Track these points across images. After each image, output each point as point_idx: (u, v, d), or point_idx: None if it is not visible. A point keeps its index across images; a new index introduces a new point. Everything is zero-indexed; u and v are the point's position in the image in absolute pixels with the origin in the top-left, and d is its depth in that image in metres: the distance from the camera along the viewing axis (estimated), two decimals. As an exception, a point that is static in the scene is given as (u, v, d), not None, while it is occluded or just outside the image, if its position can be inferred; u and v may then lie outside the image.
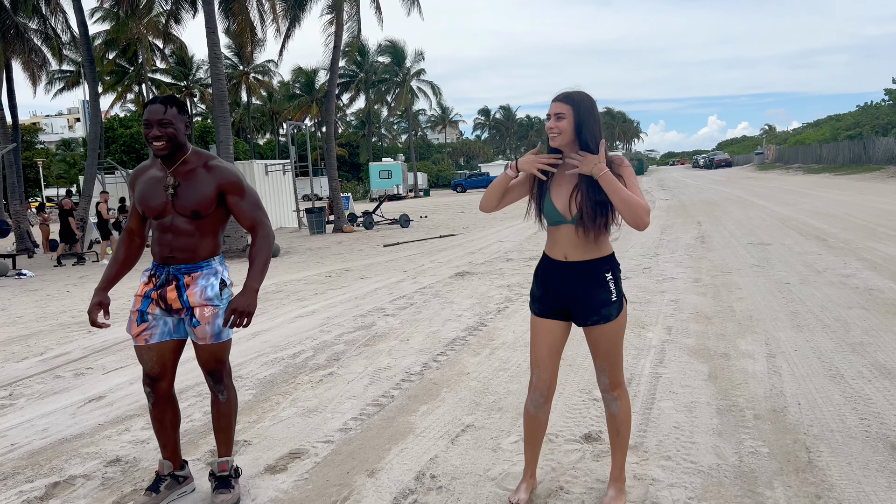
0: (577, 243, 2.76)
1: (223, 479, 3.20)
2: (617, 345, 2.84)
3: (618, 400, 2.89)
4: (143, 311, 3.11)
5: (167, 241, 3.07)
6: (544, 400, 2.93)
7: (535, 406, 2.94)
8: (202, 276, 3.09)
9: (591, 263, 2.77)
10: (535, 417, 2.96)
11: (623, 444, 2.93)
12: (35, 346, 7.13)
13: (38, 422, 4.58)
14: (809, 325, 5.75)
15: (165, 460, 3.28)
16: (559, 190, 2.78)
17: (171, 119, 3.00)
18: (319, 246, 17.45)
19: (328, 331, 6.83)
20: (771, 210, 17.63)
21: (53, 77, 39.27)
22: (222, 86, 16.62)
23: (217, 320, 3.08)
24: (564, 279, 2.80)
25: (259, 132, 66.37)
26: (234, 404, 3.26)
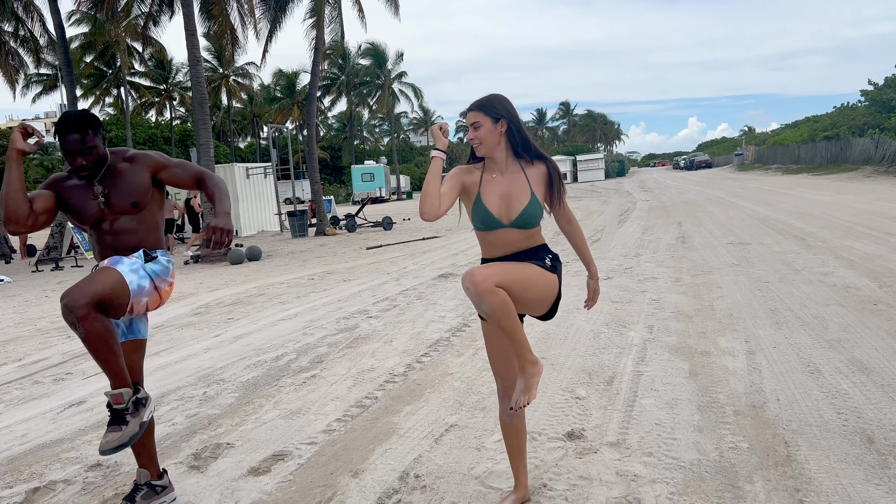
0: (517, 242, 2.74)
1: (116, 414, 2.79)
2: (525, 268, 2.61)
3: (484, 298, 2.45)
4: None
5: (108, 241, 3.03)
6: (519, 412, 2.91)
7: (507, 415, 2.93)
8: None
9: (530, 251, 2.75)
10: (510, 426, 2.94)
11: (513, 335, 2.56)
12: (13, 351, 7.04)
13: (18, 427, 4.53)
14: (788, 322, 5.83)
15: (141, 469, 3.22)
16: (491, 196, 2.73)
17: (92, 144, 2.92)
18: (302, 249, 17.38)
19: (311, 333, 6.80)
20: (750, 210, 17.83)
21: (31, 80, 38.81)
22: (202, 89, 16.52)
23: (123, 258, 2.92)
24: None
25: (240, 135, 65.99)
26: (102, 335, 2.70)
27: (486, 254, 2.85)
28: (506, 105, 2.74)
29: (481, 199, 2.74)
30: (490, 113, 2.71)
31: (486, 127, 2.70)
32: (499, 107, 2.72)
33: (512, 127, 2.73)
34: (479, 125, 2.72)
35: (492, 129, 2.71)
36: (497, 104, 2.73)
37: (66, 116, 2.92)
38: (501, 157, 2.77)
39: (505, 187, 2.73)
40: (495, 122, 2.71)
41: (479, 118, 2.72)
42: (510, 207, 2.71)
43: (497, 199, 2.72)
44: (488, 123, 2.70)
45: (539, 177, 2.77)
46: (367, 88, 58.20)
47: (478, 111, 2.73)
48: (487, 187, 2.75)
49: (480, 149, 2.74)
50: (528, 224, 2.72)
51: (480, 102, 2.74)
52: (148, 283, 2.97)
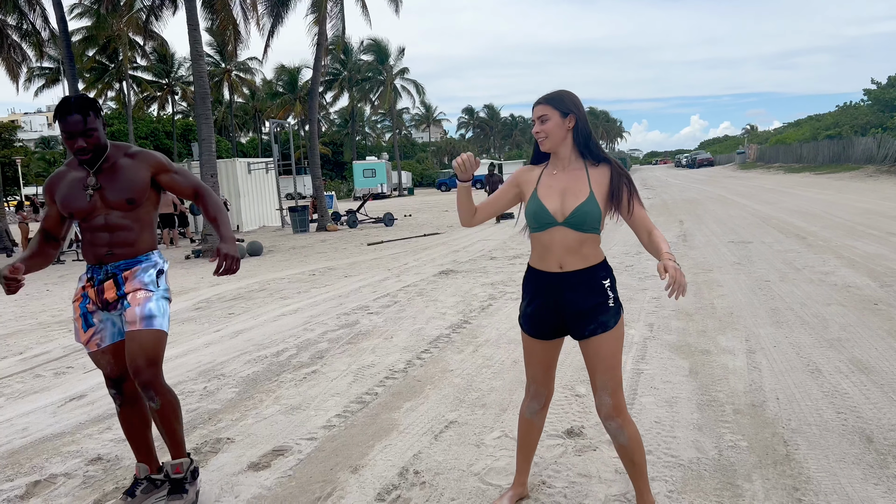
0: (571, 248, 2.62)
1: (176, 483, 3.09)
2: (618, 356, 2.63)
3: (624, 429, 2.63)
4: (84, 315, 3.05)
5: (103, 239, 3.01)
6: (541, 407, 2.90)
7: (530, 412, 2.90)
8: (141, 269, 3.04)
9: (588, 272, 2.63)
10: (530, 422, 2.91)
11: (641, 471, 2.70)
12: (14, 345, 7.06)
13: (18, 421, 4.54)
14: (788, 321, 5.83)
15: (141, 464, 3.23)
16: (548, 191, 2.66)
17: (93, 126, 2.93)
18: (303, 244, 17.39)
19: (312, 329, 6.81)
20: (752, 209, 17.82)
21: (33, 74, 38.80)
22: (204, 83, 16.50)
23: (149, 304, 2.97)
24: (561, 293, 2.65)
25: (242, 130, 65.98)
26: (173, 406, 3.05)
27: (536, 261, 2.74)
28: (575, 101, 2.66)
29: (537, 194, 2.68)
30: (559, 107, 2.63)
31: (553, 121, 2.62)
32: (568, 102, 2.64)
33: (579, 124, 2.64)
34: (547, 118, 2.63)
35: (559, 124, 2.63)
36: (566, 99, 2.65)
37: (67, 99, 2.94)
38: (566, 154, 2.68)
39: (564, 183, 2.65)
40: (563, 117, 2.63)
41: (546, 111, 2.63)
42: (565, 203, 2.61)
43: (554, 194, 2.64)
44: (556, 117, 2.62)
45: (602, 179, 2.65)
46: (369, 84, 58.14)
47: (546, 104, 2.64)
48: (545, 182, 2.68)
49: (545, 143, 2.65)
50: (582, 223, 2.59)
51: (550, 96, 2.66)
52: (168, 306, 3.11)
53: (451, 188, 56.73)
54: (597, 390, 2.66)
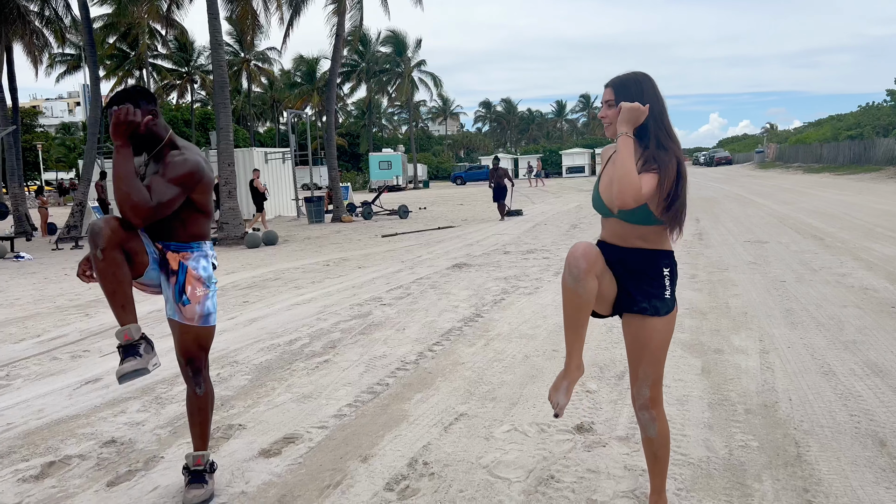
0: (627, 239, 2.52)
1: (197, 474, 3.12)
2: (664, 350, 2.55)
3: (656, 422, 2.58)
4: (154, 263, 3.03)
5: (156, 225, 3.05)
6: (585, 271, 2.38)
7: (573, 277, 2.40)
8: (193, 257, 3.09)
9: (649, 253, 2.51)
10: (573, 292, 2.42)
11: (662, 468, 2.67)
12: (32, 328, 7.15)
13: (35, 402, 4.61)
14: (803, 322, 5.78)
15: (132, 324, 2.86)
16: (606, 178, 2.54)
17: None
18: (318, 235, 17.46)
19: (325, 319, 6.85)
20: (769, 208, 17.66)
21: (55, 60, 39.16)
22: (223, 72, 16.58)
23: (207, 302, 3.09)
24: (621, 259, 2.53)
25: (259, 120, 66.24)
26: (211, 398, 3.20)
27: (603, 238, 2.63)
28: (643, 89, 2.46)
29: (599, 181, 2.58)
30: (618, 91, 2.49)
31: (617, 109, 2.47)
32: (633, 90, 2.45)
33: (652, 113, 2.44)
34: (613, 104, 2.49)
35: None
36: (632, 87, 2.47)
37: (120, 92, 3.03)
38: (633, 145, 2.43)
39: None
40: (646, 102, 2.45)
41: (611, 96, 2.50)
42: None
43: (608, 183, 2.50)
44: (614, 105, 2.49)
45: None
46: (386, 76, 58.19)
47: (611, 88, 2.51)
48: (608, 170, 2.55)
49: (609, 128, 2.51)
50: (631, 216, 2.46)
51: (617, 79, 2.52)
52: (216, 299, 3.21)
53: (466, 182, 56.64)
54: (636, 380, 2.58)
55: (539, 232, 15.29)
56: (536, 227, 16.39)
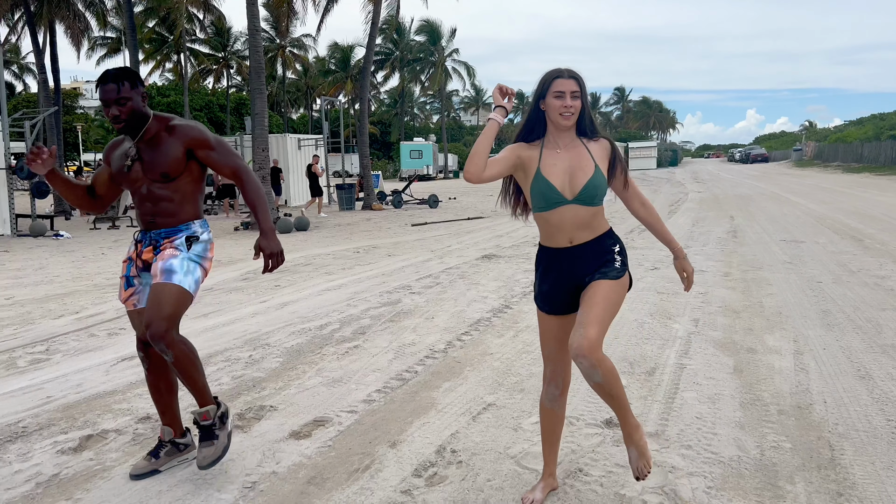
0: (581, 223, 2.63)
1: (206, 430, 3.07)
2: (609, 300, 2.54)
3: (596, 367, 2.43)
4: (128, 277, 3.14)
5: (147, 208, 3.10)
6: (559, 393, 2.84)
7: (549, 399, 2.85)
8: (178, 237, 3.11)
9: (596, 241, 2.65)
10: (550, 412, 2.87)
11: (620, 402, 2.58)
12: (71, 304, 7.32)
13: (73, 377, 4.73)
14: (840, 324, 5.68)
15: (166, 426, 3.29)
16: (552, 169, 2.62)
17: (127, 95, 2.97)
18: (348, 222, 17.57)
19: (355, 305, 6.90)
20: (806, 207, 17.32)
21: (95, 43, 39.80)
22: (260, 58, 16.71)
23: (172, 260, 3.00)
24: (572, 264, 2.65)
25: (293, 106, 66.69)
26: (189, 357, 3.01)
27: (547, 240, 2.71)
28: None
29: (541, 172, 2.62)
30: (583, 87, 2.63)
31: (580, 99, 2.60)
32: (584, 81, 2.64)
33: (587, 103, 2.66)
34: (578, 95, 2.60)
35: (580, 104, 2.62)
36: (582, 78, 2.64)
37: (107, 70, 3.04)
38: (571, 133, 2.68)
39: (567, 161, 2.63)
40: (584, 98, 2.63)
41: (578, 88, 2.61)
42: (574, 180, 2.59)
43: (559, 172, 2.61)
44: (580, 96, 2.61)
45: (602, 153, 2.67)
46: (420, 65, 58.12)
47: (577, 81, 2.61)
48: (548, 161, 2.64)
49: (571, 119, 2.60)
50: (593, 198, 2.60)
51: (576, 73, 2.64)
52: (199, 271, 3.11)
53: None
54: (577, 324, 2.50)
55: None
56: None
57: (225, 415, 3.17)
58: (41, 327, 6.25)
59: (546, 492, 2.90)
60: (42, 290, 8.31)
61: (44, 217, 16.66)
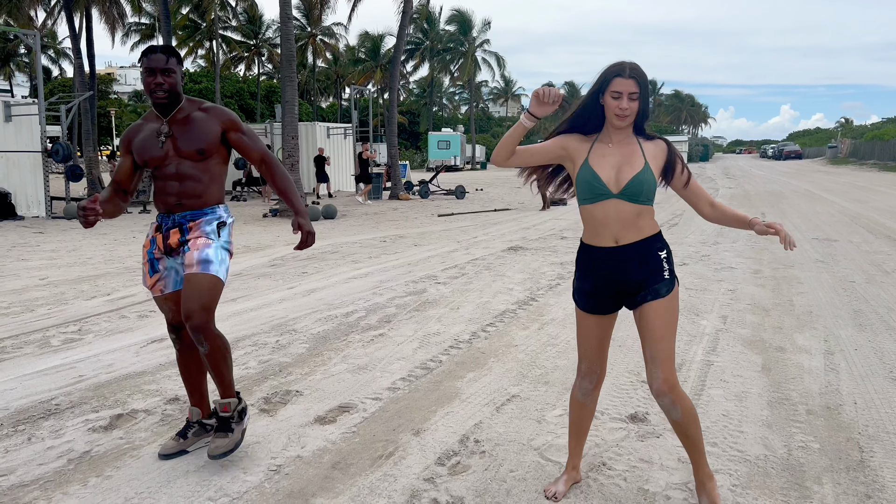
0: (626, 221, 2.57)
1: (223, 421, 3.12)
2: (670, 327, 2.58)
3: (677, 404, 2.56)
4: (152, 261, 3.17)
5: (173, 188, 3.09)
6: (593, 387, 2.83)
7: (582, 393, 2.84)
8: (205, 221, 3.12)
9: (643, 244, 2.58)
10: (582, 405, 2.86)
11: (696, 445, 2.65)
12: (103, 286, 7.46)
13: (105, 357, 4.82)
14: (873, 324, 5.57)
15: (194, 407, 3.35)
16: (601, 161, 2.58)
17: (172, 68, 3.03)
18: (375, 211, 17.63)
19: (380, 293, 6.94)
20: (840, 206, 16.99)
21: (130, 29, 40.32)
22: (291, 46, 16.78)
23: (207, 250, 3.03)
24: (616, 266, 2.59)
25: (323, 95, 66.97)
26: (222, 352, 3.09)
27: (589, 237, 2.66)
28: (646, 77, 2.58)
29: (589, 162, 2.59)
30: (643, 86, 2.53)
31: (637, 101, 2.53)
32: (646, 79, 2.55)
33: (648, 104, 2.59)
34: (636, 97, 2.52)
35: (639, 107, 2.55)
36: (645, 76, 2.55)
37: (153, 45, 3.13)
38: (627, 131, 2.62)
39: (618, 156, 2.58)
40: (644, 99, 2.56)
41: (637, 90, 2.52)
42: (621, 174, 2.54)
43: (607, 165, 2.57)
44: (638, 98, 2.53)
45: (656, 152, 2.61)
46: (449, 55, 57.93)
47: (638, 81, 2.52)
48: (598, 153, 2.60)
49: (626, 120, 2.54)
50: (638, 194, 2.53)
51: (638, 70, 2.53)
52: (228, 258, 3.17)
53: (525, 165, 56.02)
54: (647, 362, 2.60)
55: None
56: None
57: (244, 411, 3.22)
58: (74, 308, 6.38)
59: (569, 485, 2.91)
60: (75, 271, 8.48)
61: (78, 200, 16.96)
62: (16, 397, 4.01)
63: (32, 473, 3.09)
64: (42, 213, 15.81)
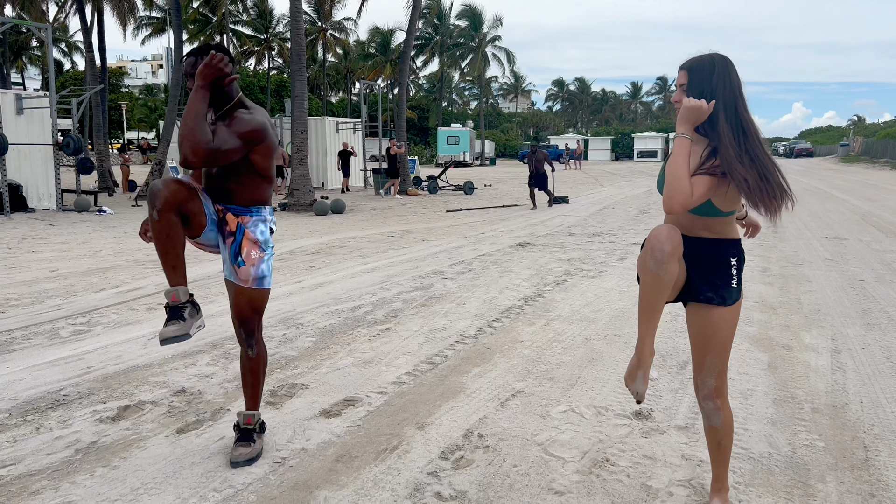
0: (692, 227, 2.46)
1: (246, 432, 3.18)
2: (730, 339, 2.52)
3: (720, 411, 2.54)
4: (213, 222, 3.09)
5: (211, 184, 3.13)
6: (669, 254, 2.30)
7: (656, 261, 2.32)
8: (252, 221, 3.12)
9: (715, 243, 2.47)
10: (654, 276, 2.35)
11: (725, 456, 2.63)
12: (112, 278, 7.51)
13: (113, 349, 4.86)
14: (881, 324, 5.54)
15: (180, 287, 2.95)
16: None
17: None
18: (383, 206, 17.66)
19: (387, 288, 6.95)
20: (851, 204, 16.88)
21: (141, 23, 40.48)
22: (301, 40, 16.81)
23: (262, 265, 3.11)
24: (687, 248, 2.42)
25: (332, 90, 67.05)
26: (264, 360, 3.26)
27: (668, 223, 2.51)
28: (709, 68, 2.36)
29: (665, 164, 2.40)
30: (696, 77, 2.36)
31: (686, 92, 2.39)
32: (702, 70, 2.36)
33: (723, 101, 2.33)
34: (685, 88, 2.40)
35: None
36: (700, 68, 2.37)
37: (197, 46, 3.16)
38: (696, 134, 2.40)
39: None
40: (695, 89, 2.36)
41: (684, 79, 2.40)
42: None
43: None
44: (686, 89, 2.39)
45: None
46: (459, 50, 57.84)
47: (684, 70, 2.40)
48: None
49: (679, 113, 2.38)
50: (694, 209, 2.38)
51: (690, 60, 2.40)
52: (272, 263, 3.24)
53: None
54: (702, 370, 2.54)
55: (606, 215, 15.06)
56: (604, 211, 16.15)
57: (263, 425, 3.29)
58: (83, 300, 6.43)
59: (647, 375, 2.50)
60: (85, 263, 8.54)
61: (88, 193, 17.07)
62: (25, 388, 4.05)
63: (40, 463, 3.12)
64: (53, 205, 15.92)
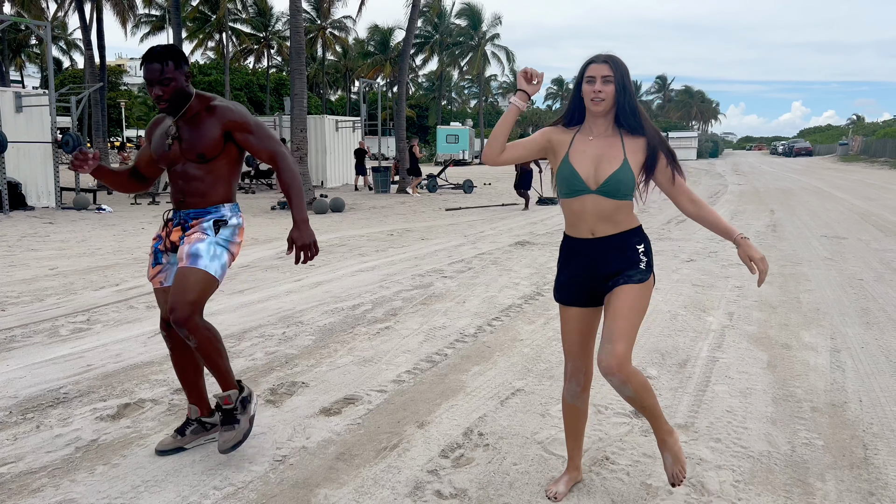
0: (604, 215, 2.58)
1: (227, 414, 3.06)
2: (635, 310, 2.52)
3: (627, 383, 2.47)
4: (157, 252, 3.15)
5: (179, 186, 3.08)
6: (581, 389, 2.77)
7: (571, 396, 2.79)
8: (205, 219, 3.07)
9: (620, 237, 2.59)
10: (573, 408, 2.81)
11: (653, 409, 2.60)
12: (111, 276, 7.51)
13: (113, 347, 4.86)
14: (880, 323, 5.55)
15: (192, 405, 3.30)
16: (580, 157, 2.58)
17: (170, 76, 2.93)
18: (383, 205, 17.66)
19: (387, 287, 6.96)
20: (850, 203, 16.89)
21: (140, 20, 40.42)
22: (300, 39, 16.80)
23: (199, 244, 2.98)
24: (594, 258, 2.61)
25: (332, 88, 66.98)
26: (212, 343, 3.00)
27: (570, 229, 2.68)
28: (626, 68, 2.57)
29: (569, 159, 2.59)
30: (619, 72, 2.53)
31: (612, 84, 2.53)
32: (624, 69, 2.56)
33: (628, 93, 2.56)
34: (610, 80, 2.52)
35: (615, 90, 2.54)
36: (624, 66, 2.56)
37: (153, 48, 3.01)
38: (608, 121, 2.60)
39: (598, 150, 2.57)
40: (621, 84, 2.54)
41: (610, 72, 2.52)
42: (599, 170, 2.54)
43: (587, 161, 2.57)
44: (614, 81, 2.53)
45: (637, 147, 2.58)
46: (459, 49, 57.79)
47: (611, 66, 2.53)
48: (578, 147, 2.60)
49: (601, 105, 2.53)
50: (616, 191, 2.54)
51: (614, 58, 2.55)
52: (226, 255, 3.07)
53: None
54: (605, 338, 2.49)
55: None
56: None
57: (247, 399, 3.14)
58: (83, 298, 6.43)
59: (570, 485, 2.88)
60: (84, 261, 8.54)
61: (87, 191, 17.06)
62: (25, 385, 4.05)
63: (40, 461, 3.12)
64: (52, 203, 15.91)
